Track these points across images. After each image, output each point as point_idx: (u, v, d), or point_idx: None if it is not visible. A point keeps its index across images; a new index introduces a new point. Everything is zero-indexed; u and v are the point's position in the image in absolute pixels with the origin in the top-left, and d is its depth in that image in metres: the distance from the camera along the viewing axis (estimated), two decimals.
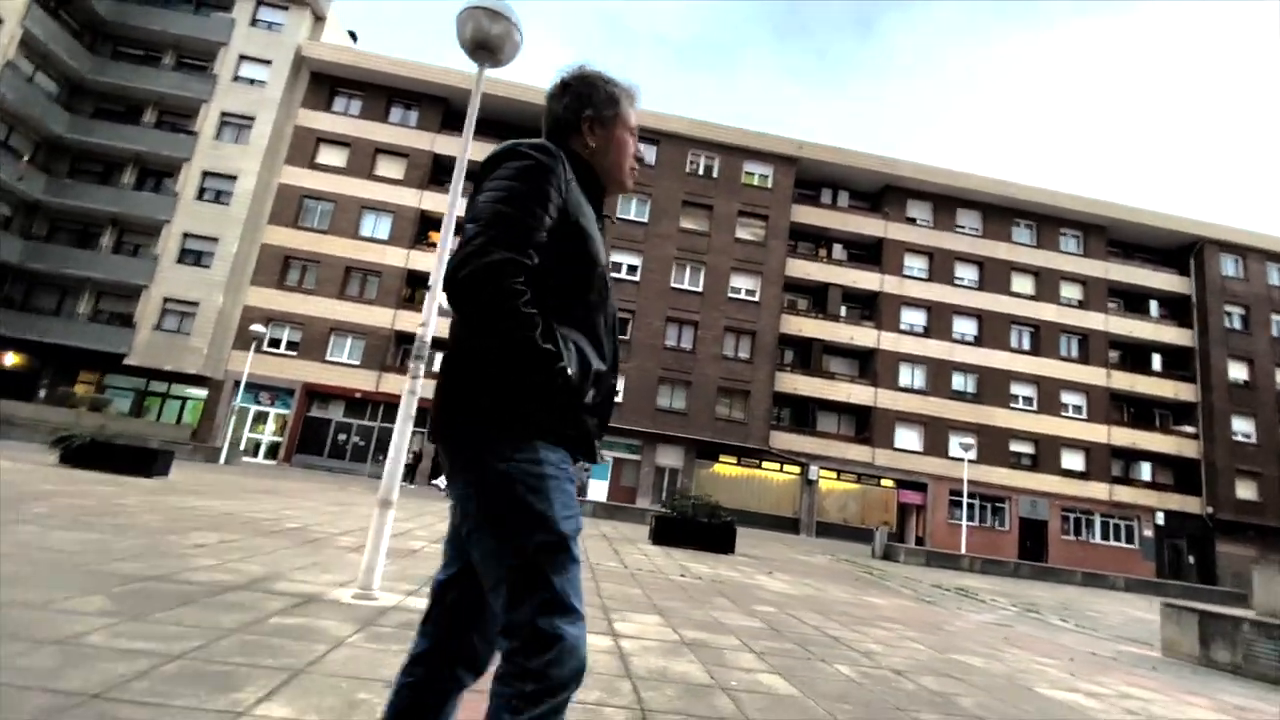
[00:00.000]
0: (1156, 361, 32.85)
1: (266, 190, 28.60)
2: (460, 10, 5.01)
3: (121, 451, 11.23)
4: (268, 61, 29.31)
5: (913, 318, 31.49)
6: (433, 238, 30.50)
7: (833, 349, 31.43)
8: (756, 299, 29.98)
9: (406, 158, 29.96)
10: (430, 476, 24.94)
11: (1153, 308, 33.60)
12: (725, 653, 4.10)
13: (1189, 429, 31.74)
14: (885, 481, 29.73)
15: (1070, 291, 32.63)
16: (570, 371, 1.24)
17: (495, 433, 1.23)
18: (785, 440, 29.43)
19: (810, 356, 30.99)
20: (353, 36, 36.26)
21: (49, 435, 12.22)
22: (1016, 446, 30.54)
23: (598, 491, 27.29)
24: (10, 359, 26.11)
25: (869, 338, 30.92)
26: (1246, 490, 30.44)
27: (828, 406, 30.78)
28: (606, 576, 6.92)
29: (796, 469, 29.36)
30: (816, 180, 33.26)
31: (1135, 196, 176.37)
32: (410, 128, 30.36)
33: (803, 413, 30.77)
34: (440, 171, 30.08)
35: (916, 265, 32.12)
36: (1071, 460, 30.67)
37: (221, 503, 8.99)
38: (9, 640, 2.51)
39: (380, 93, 30.52)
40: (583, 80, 1.51)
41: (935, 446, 29.74)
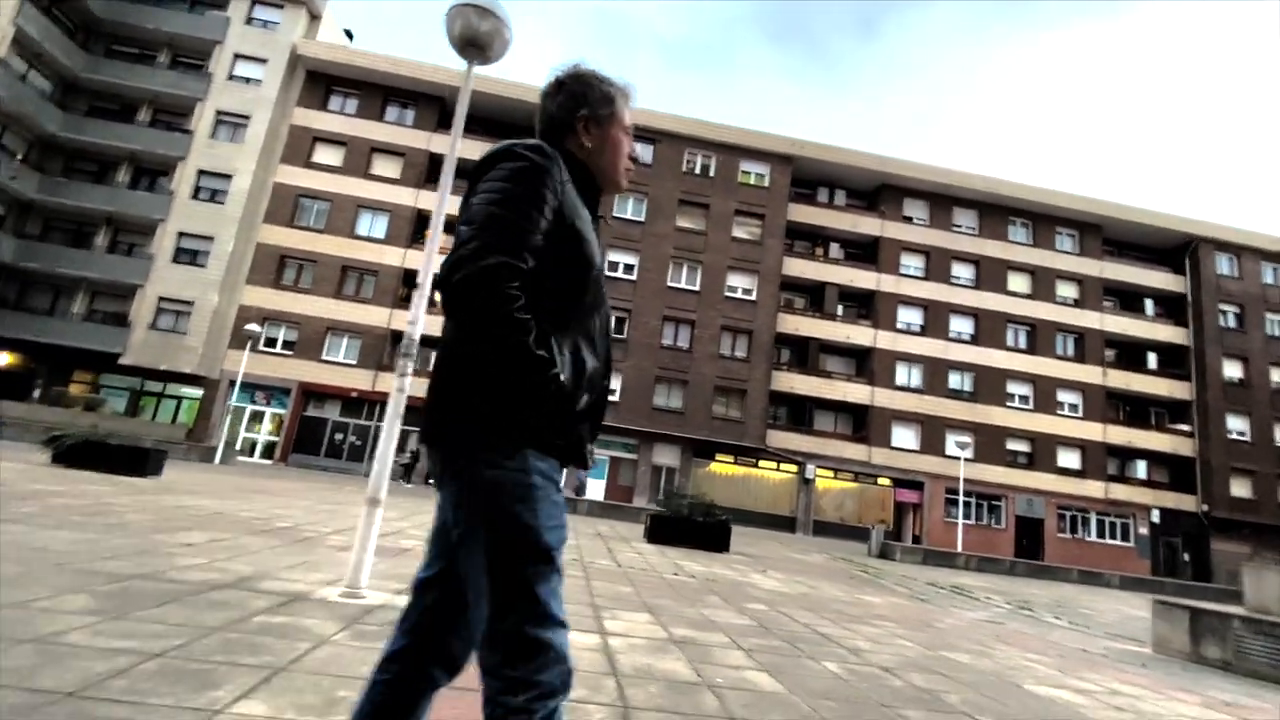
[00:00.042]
0: (1152, 360, 32.96)
1: (262, 189, 28.54)
2: (449, 7, 5.00)
3: (114, 451, 11.21)
4: (263, 60, 29.23)
5: (909, 316, 31.52)
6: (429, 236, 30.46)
7: (829, 348, 31.46)
8: (753, 298, 30.00)
9: (403, 157, 29.91)
10: (427, 477, 24.91)
11: (1148, 306, 33.70)
12: (713, 650, 4.09)
13: (1184, 427, 31.83)
14: (882, 480, 29.76)
15: (1066, 290, 32.70)
16: (563, 378, 1.23)
17: (486, 439, 1.22)
18: (782, 439, 29.46)
19: (807, 355, 31.01)
20: (349, 35, 36.19)
21: (42, 435, 12.20)
22: (1013, 445, 30.60)
23: (595, 490, 27.29)
24: (4, 359, 26.02)
25: (865, 336, 30.95)
26: (1241, 488, 30.55)
27: (824, 405, 30.81)
28: (599, 575, 6.92)
29: (793, 468, 29.38)
30: (813, 179, 33.27)
31: (1130, 195, 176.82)
32: (406, 126, 30.32)
33: (799, 411, 30.80)
34: (437, 170, 30.01)
35: (913, 264, 32.15)
36: (1067, 458, 30.74)
37: (213, 502, 8.97)
38: None
39: (376, 91, 30.47)
40: (578, 79, 1.49)
41: (932, 445, 29.79)
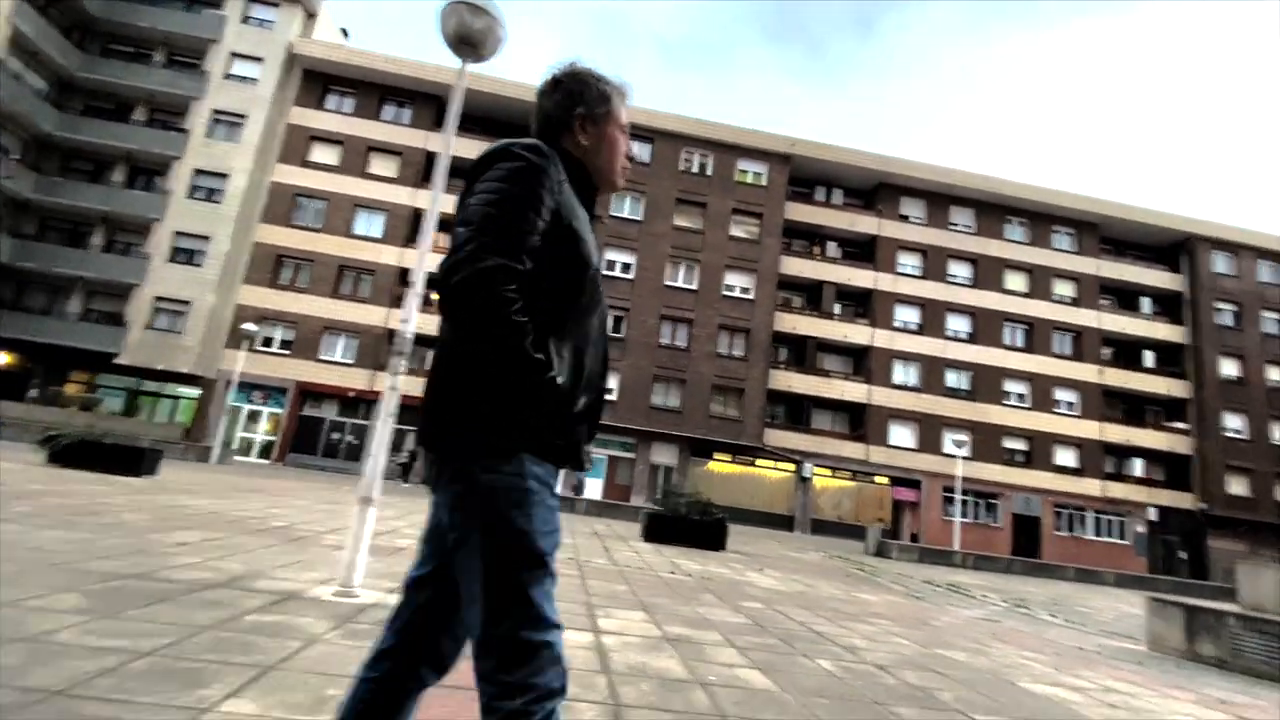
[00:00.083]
0: (1149, 358, 33.00)
1: (259, 188, 28.48)
2: (443, 5, 4.99)
3: (110, 451, 11.18)
4: (259, 59, 29.17)
5: (906, 315, 31.54)
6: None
7: (827, 346, 31.46)
8: (751, 297, 30.00)
9: (400, 156, 29.85)
10: (424, 477, 24.86)
11: (1145, 304, 33.75)
12: (707, 648, 4.09)
13: (1181, 425, 31.88)
14: (879, 478, 29.79)
15: (1063, 288, 32.73)
16: (560, 381, 1.23)
17: (483, 443, 1.22)
18: (780, 438, 29.47)
19: (804, 354, 31.02)
20: (345, 34, 36.09)
21: (39, 435, 12.17)
22: (1010, 443, 30.64)
23: (592, 489, 27.28)
24: (1, 359, 25.96)
25: (863, 335, 30.97)
26: (1238, 486, 30.61)
27: (822, 404, 30.82)
28: (594, 574, 6.91)
29: (791, 466, 29.39)
30: (811, 178, 33.27)
31: (1127, 194, 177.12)
32: (403, 125, 30.26)
33: (797, 410, 30.81)
34: (434, 170, 29.96)
35: (910, 262, 32.17)
36: (1064, 456, 30.79)
37: (209, 502, 8.95)
38: None
39: (373, 90, 30.40)
40: (574, 77, 1.48)
41: (929, 443, 29.82)
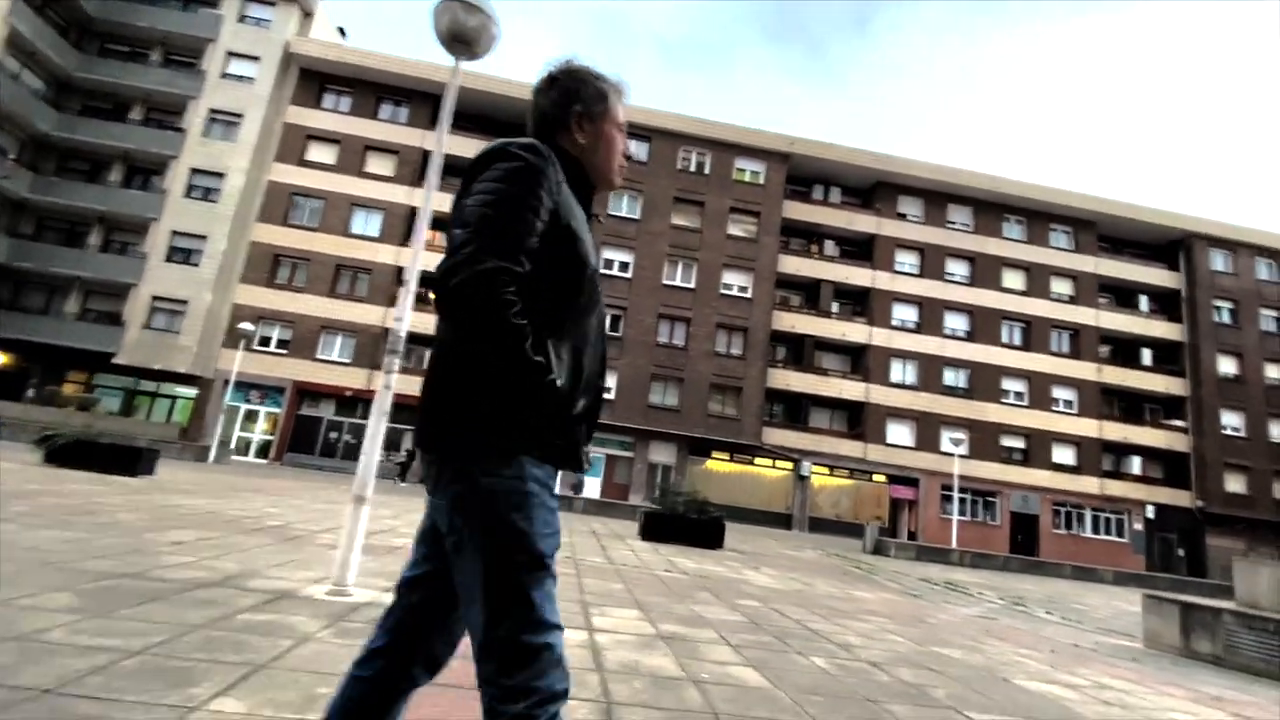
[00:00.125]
0: (1147, 356, 33.04)
1: (255, 188, 28.44)
2: (437, 2, 4.97)
3: (106, 450, 11.17)
4: (256, 58, 29.11)
5: (904, 313, 31.56)
6: (426, 235, 30.37)
7: (825, 345, 31.47)
8: (749, 295, 30.00)
9: (397, 154, 29.82)
10: (421, 477, 24.85)
11: (1143, 302, 33.79)
12: (700, 646, 4.09)
13: (1179, 423, 31.93)
14: (877, 477, 29.82)
15: (1061, 287, 32.76)
16: (559, 383, 1.22)
17: (483, 446, 1.21)
18: (778, 436, 29.49)
19: (802, 352, 31.04)
20: (341, 33, 36.03)
21: (36, 435, 12.16)
22: (1008, 441, 30.67)
23: (590, 488, 27.27)
24: None
25: (861, 333, 30.98)
26: (1236, 484, 30.67)
27: (820, 402, 30.84)
28: (590, 572, 6.91)
29: (789, 465, 29.41)
30: (808, 176, 33.27)
31: (1125, 192, 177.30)
32: (400, 124, 30.22)
33: (795, 409, 30.83)
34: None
35: (908, 261, 32.18)
36: (1062, 454, 30.83)
37: (205, 501, 8.95)
38: None
39: (370, 89, 30.36)
40: (571, 75, 1.47)
41: (927, 442, 29.85)
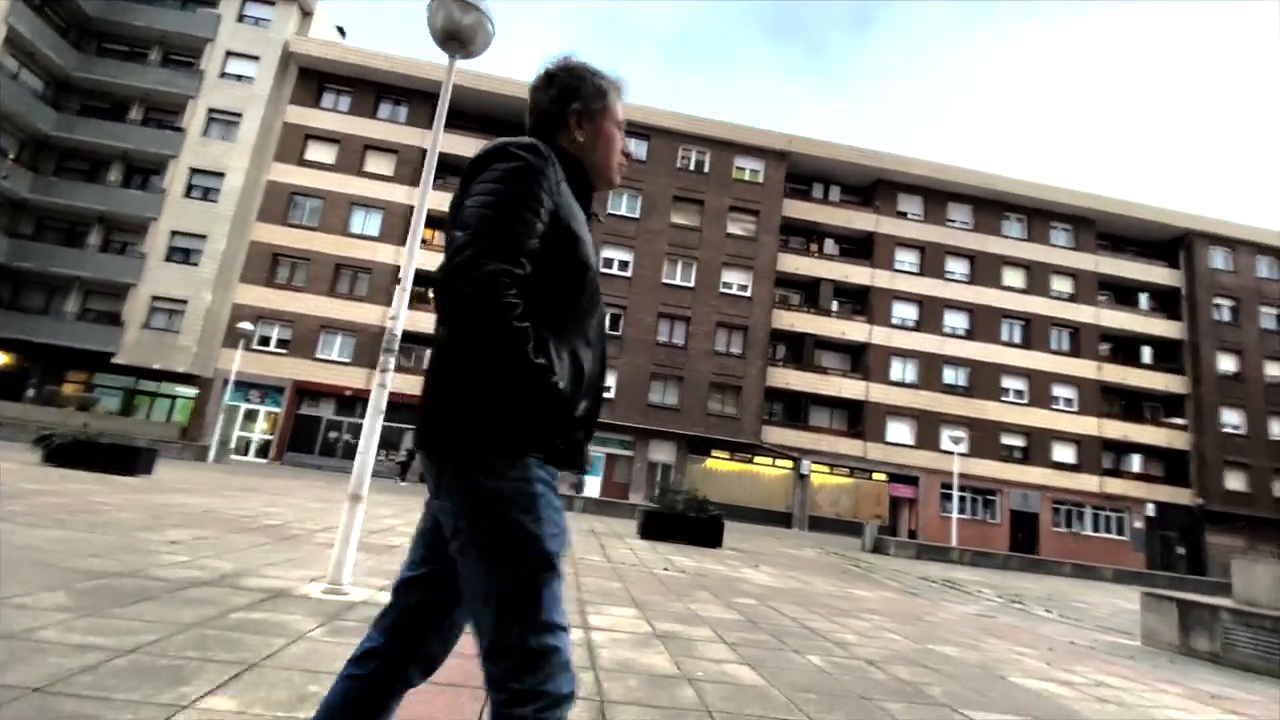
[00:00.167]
0: (1147, 354, 33.02)
1: (255, 187, 28.43)
2: (431, 0, 4.97)
3: (104, 450, 11.17)
4: (255, 57, 29.09)
5: (904, 312, 31.54)
6: (425, 234, 30.34)
7: (824, 343, 31.46)
8: (748, 294, 29.98)
9: (396, 154, 29.80)
10: (422, 476, 24.80)
11: (1143, 300, 33.77)
12: (696, 644, 4.09)
13: (1179, 421, 31.91)
14: (877, 475, 29.81)
15: (1061, 285, 32.73)
16: (562, 386, 1.20)
17: (488, 447, 1.19)
18: (777, 435, 29.49)
19: (802, 351, 31.03)
20: (341, 32, 36.01)
21: (34, 435, 12.16)
22: (1008, 439, 30.66)
23: (590, 488, 27.25)
24: None
25: (860, 332, 30.96)
26: (1236, 481, 30.65)
27: (820, 401, 30.83)
28: (588, 571, 6.91)
29: (789, 463, 29.41)
30: (808, 175, 33.24)
31: (1125, 190, 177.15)
32: (400, 124, 30.19)
33: (795, 407, 30.82)
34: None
35: (908, 259, 32.16)
36: (1062, 453, 30.81)
37: (202, 500, 8.94)
38: None
39: (369, 88, 30.33)
40: (569, 72, 1.44)
41: (927, 440, 29.84)
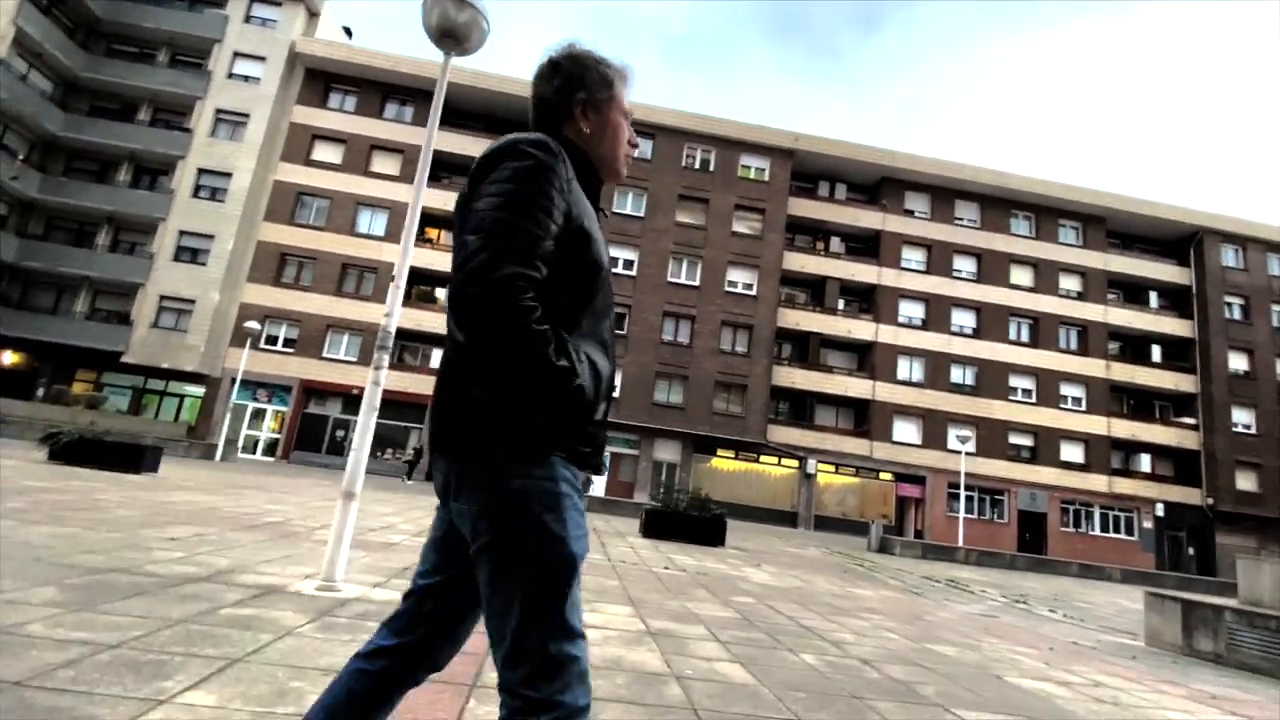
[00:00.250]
0: (1156, 353, 32.72)
1: (262, 187, 28.59)
2: None
3: (110, 448, 11.25)
4: (262, 58, 29.25)
5: (911, 310, 31.39)
6: (429, 234, 30.49)
7: (830, 342, 31.36)
8: (754, 293, 29.91)
9: (402, 154, 29.88)
10: (428, 474, 24.82)
11: (1152, 299, 33.47)
12: (689, 642, 4.07)
13: (1189, 420, 31.61)
14: (884, 475, 29.68)
15: (1069, 283, 32.48)
16: (585, 388, 1.18)
17: (511, 447, 1.15)
18: (783, 434, 29.40)
19: (808, 350, 30.92)
20: (347, 33, 36.17)
21: (41, 432, 12.27)
22: (1015, 439, 30.46)
23: (595, 486, 27.25)
24: (8, 358, 26.18)
25: (867, 331, 30.83)
26: (1247, 481, 30.33)
27: (826, 400, 30.72)
28: (586, 569, 6.89)
29: (794, 463, 29.32)
30: (813, 173, 33.12)
31: (1135, 187, 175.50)
32: (405, 123, 30.28)
33: (800, 406, 30.72)
34: (437, 167, 29.90)
35: (914, 258, 31.99)
36: (1071, 452, 30.58)
37: (206, 498, 8.99)
38: None
39: (375, 89, 30.45)
40: (574, 60, 1.39)
41: (934, 439, 29.68)
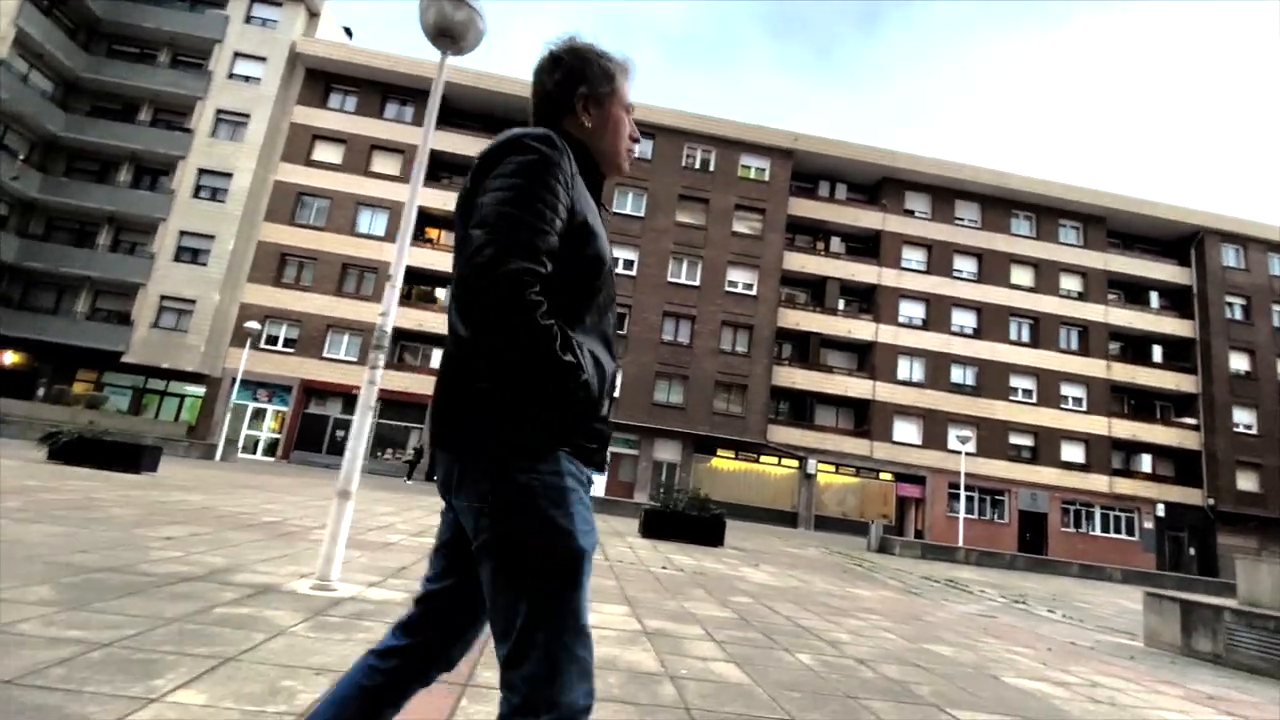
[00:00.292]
0: (1157, 353, 32.68)
1: (263, 187, 28.61)
2: None
3: (109, 447, 11.26)
4: (262, 58, 29.28)
5: (911, 310, 31.36)
6: (430, 234, 30.51)
7: (830, 342, 31.34)
8: (754, 293, 29.90)
9: (402, 154, 29.89)
10: (428, 474, 24.83)
11: (1153, 299, 33.43)
12: (684, 642, 4.06)
13: (1190, 420, 31.57)
14: (884, 475, 29.65)
15: (1070, 283, 32.45)
16: (591, 383, 1.17)
17: (516, 442, 1.14)
18: (783, 434, 29.39)
19: (808, 350, 30.90)
20: (348, 33, 36.20)
21: (41, 432, 12.28)
22: (1016, 439, 30.43)
23: (595, 486, 26.99)
24: (9, 358, 26.20)
25: (867, 331, 30.81)
26: (1248, 481, 30.29)
27: (826, 400, 30.70)
28: None
29: (795, 463, 29.31)
30: (814, 173, 33.10)
31: (1136, 188, 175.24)
32: (406, 124, 30.29)
33: (801, 406, 30.70)
34: (437, 167, 30.01)
35: (915, 258, 31.96)
36: (1071, 452, 30.54)
37: (204, 497, 8.99)
38: None
39: (375, 89, 30.47)
40: (575, 54, 1.38)
41: (934, 439, 29.65)
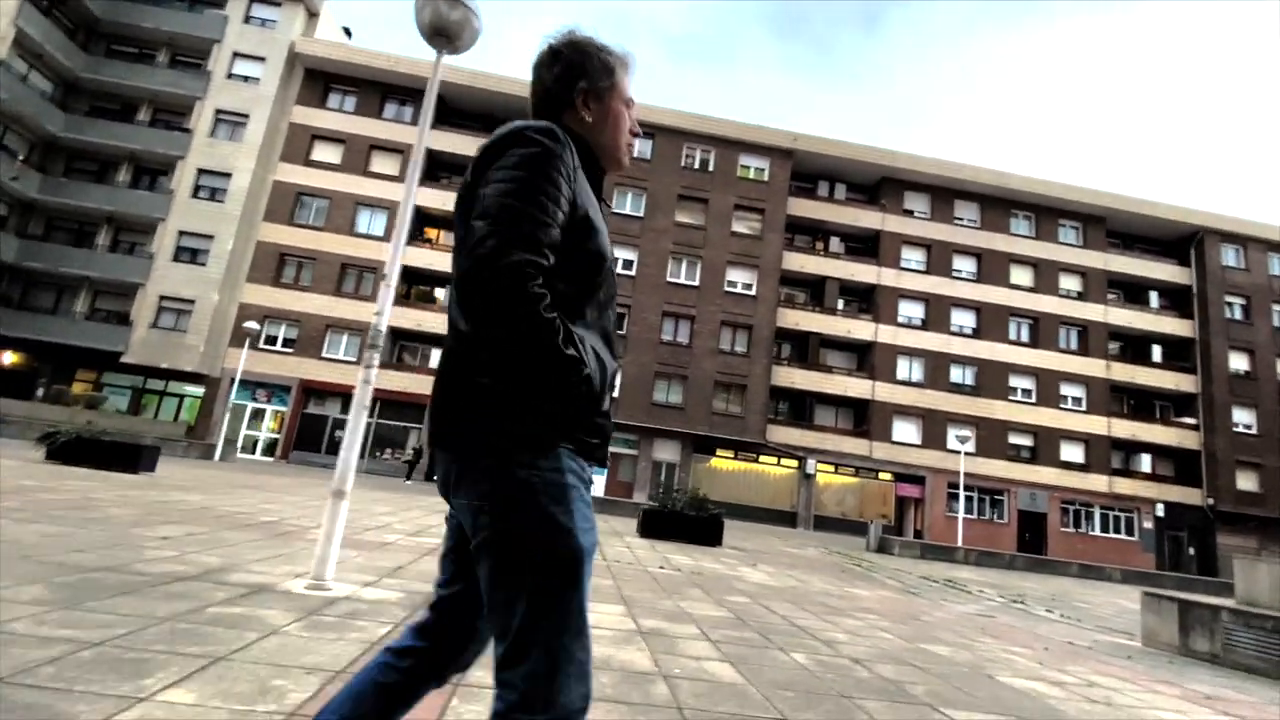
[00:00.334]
0: (1157, 353, 32.68)
1: (262, 187, 28.61)
2: None
3: (107, 447, 11.26)
4: (261, 58, 29.28)
5: (910, 310, 31.36)
6: (429, 233, 30.51)
7: (830, 342, 31.34)
8: (753, 293, 29.90)
9: (401, 154, 29.92)
10: (428, 474, 24.83)
11: (1153, 299, 33.43)
12: (679, 642, 4.06)
13: (1189, 420, 31.56)
14: (883, 475, 29.65)
15: (1069, 283, 32.45)
16: (593, 378, 1.16)
17: (517, 438, 1.13)
18: (782, 434, 29.38)
19: (807, 350, 30.90)
20: (347, 33, 36.19)
21: (40, 432, 12.28)
22: (1015, 439, 30.42)
23: (595, 486, 27.20)
24: (8, 358, 26.20)
25: (866, 331, 30.81)
26: (1247, 481, 30.28)
27: (825, 400, 30.69)
28: None
29: (794, 463, 29.30)
30: (813, 173, 33.10)
31: (1135, 187, 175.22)
32: (405, 124, 30.28)
33: (800, 406, 30.70)
34: (435, 167, 30.03)
35: (914, 258, 31.96)
36: (1071, 452, 30.54)
37: (201, 497, 8.99)
38: None
39: (374, 89, 30.47)
40: (574, 48, 1.37)
41: (933, 439, 29.65)
